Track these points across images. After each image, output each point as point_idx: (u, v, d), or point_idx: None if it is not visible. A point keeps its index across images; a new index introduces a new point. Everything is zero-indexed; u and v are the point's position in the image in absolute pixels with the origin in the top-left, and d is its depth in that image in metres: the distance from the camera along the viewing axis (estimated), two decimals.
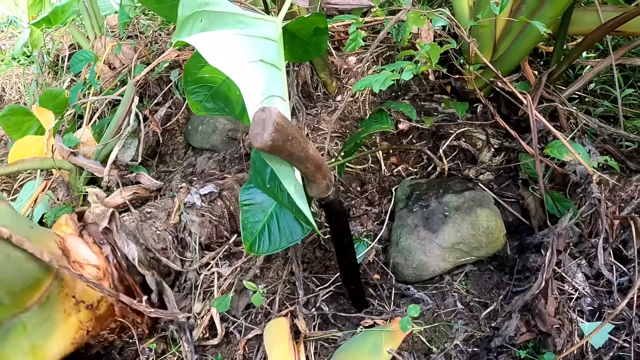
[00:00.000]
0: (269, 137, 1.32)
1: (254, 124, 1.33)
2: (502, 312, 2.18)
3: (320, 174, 1.60)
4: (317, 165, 1.57)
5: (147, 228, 2.38)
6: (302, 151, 1.48)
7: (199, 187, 2.54)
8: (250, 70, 1.48)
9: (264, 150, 1.37)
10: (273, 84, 1.55)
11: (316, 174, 1.58)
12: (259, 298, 2.14)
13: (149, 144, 3.07)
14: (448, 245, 2.25)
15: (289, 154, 1.45)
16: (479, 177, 2.52)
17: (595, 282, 2.17)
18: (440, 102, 2.75)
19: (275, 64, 1.59)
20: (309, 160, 1.53)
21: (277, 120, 1.33)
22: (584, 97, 3.05)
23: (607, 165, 2.40)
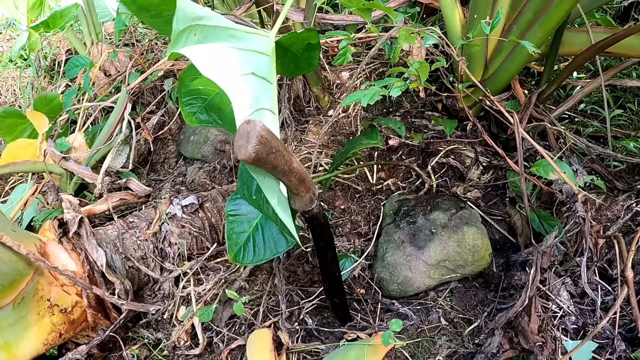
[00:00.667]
0: (253, 150, 1.33)
1: (238, 136, 1.35)
2: (486, 328, 2.19)
3: (304, 187, 1.61)
4: (301, 178, 1.59)
5: (128, 237, 2.39)
6: (286, 164, 1.50)
7: (181, 199, 2.55)
8: (241, 83, 1.50)
9: (247, 162, 1.38)
10: (263, 96, 1.56)
11: (299, 187, 1.60)
12: (240, 307, 2.15)
13: (141, 151, 3.08)
14: (433, 262, 2.27)
15: (272, 167, 1.46)
16: (467, 194, 2.54)
17: (580, 301, 2.18)
18: (430, 119, 2.77)
19: (266, 77, 1.61)
20: (293, 174, 1.54)
21: (261, 133, 1.34)
22: (574, 117, 3.08)
23: (595, 184, 2.42)
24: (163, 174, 3.06)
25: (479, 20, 2.32)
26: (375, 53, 2.92)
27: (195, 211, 2.55)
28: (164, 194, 2.73)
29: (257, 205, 1.84)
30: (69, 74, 3.33)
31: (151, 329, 2.31)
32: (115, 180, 2.82)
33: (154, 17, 1.71)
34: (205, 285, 2.31)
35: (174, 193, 2.66)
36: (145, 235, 2.41)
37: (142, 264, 2.35)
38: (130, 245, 2.38)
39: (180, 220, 2.51)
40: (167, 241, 2.46)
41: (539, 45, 2.48)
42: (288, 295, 2.31)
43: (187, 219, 2.53)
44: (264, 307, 2.26)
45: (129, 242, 2.39)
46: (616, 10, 4.04)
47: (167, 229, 2.46)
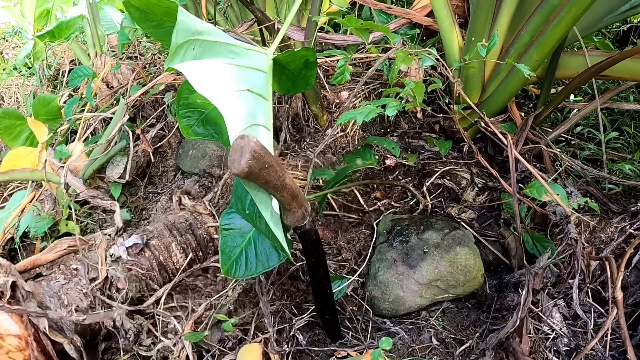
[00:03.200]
0: (246, 164, 1.36)
1: (232, 151, 1.38)
2: (477, 349, 2.20)
3: (296, 202, 1.63)
4: (293, 194, 1.60)
5: (72, 287, 2.29)
6: (279, 180, 1.52)
7: (125, 238, 2.44)
8: (236, 99, 1.52)
9: (240, 177, 1.40)
10: (258, 113, 1.59)
11: (292, 202, 1.62)
12: (229, 325, 2.16)
13: (140, 164, 3.11)
14: (425, 282, 2.27)
15: (265, 182, 1.48)
16: (462, 215, 2.55)
17: (572, 323, 2.18)
18: (427, 140, 2.79)
19: (262, 94, 1.63)
20: (285, 189, 1.56)
21: (254, 149, 1.37)
22: (570, 140, 3.10)
23: (589, 207, 2.43)
24: (161, 186, 3.08)
25: (477, 43, 2.34)
26: (375, 73, 2.96)
27: (140, 251, 2.44)
28: (160, 206, 2.74)
29: (250, 220, 1.85)
30: (72, 83, 3.36)
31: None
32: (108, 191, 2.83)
33: (156, 27, 1.74)
34: (193, 314, 2.28)
35: (112, 234, 2.58)
36: (91, 283, 2.30)
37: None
38: (75, 295, 2.26)
39: (126, 263, 2.40)
40: (115, 287, 2.35)
41: (535, 68, 2.50)
42: (280, 312, 2.32)
43: (133, 260, 2.42)
44: (255, 324, 2.27)
45: (74, 293, 2.27)
46: (615, 34, 4.08)
47: (112, 274, 2.34)
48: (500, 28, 2.58)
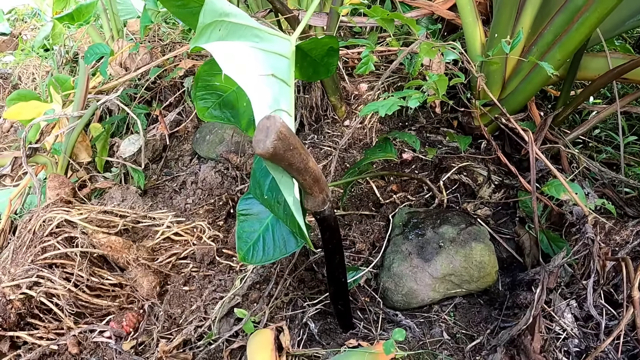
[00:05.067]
0: (271, 145, 1.35)
1: (258, 131, 1.37)
2: (488, 345, 2.19)
3: (318, 187, 1.63)
4: (315, 178, 1.60)
5: None
6: (302, 162, 1.51)
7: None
8: (261, 84, 1.51)
9: (264, 157, 1.40)
10: (281, 98, 1.58)
11: (314, 187, 1.61)
12: (250, 326, 2.15)
13: (156, 147, 3.11)
14: (439, 276, 2.27)
15: (288, 164, 1.48)
16: (477, 211, 2.54)
17: (584, 324, 2.17)
18: (445, 135, 2.78)
19: (285, 79, 1.63)
20: (308, 173, 1.56)
21: (280, 129, 1.37)
22: (588, 142, 3.08)
23: (605, 209, 2.42)
24: (176, 170, 3.08)
25: (500, 40, 2.33)
26: (395, 67, 2.95)
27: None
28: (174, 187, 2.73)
29: (268, 205, 1.85)
30: (87, 60, 3.27)
31: None
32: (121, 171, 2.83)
33: (180, 7, 1.73)
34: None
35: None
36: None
37: None
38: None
39: None
40: None
41: (557, 67, 2.48)
42: (294, 302, 2.32)
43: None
44: (267, 315, 2.27)
45: None
46: (636, 39, 4.05)
47: None
48: (524, 26, 2.57)
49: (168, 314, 2.37)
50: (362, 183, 2.71)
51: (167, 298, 2.41)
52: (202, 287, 2.42)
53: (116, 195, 2.86)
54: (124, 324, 2.39)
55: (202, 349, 2.25)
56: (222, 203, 2.73)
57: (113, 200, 2.85)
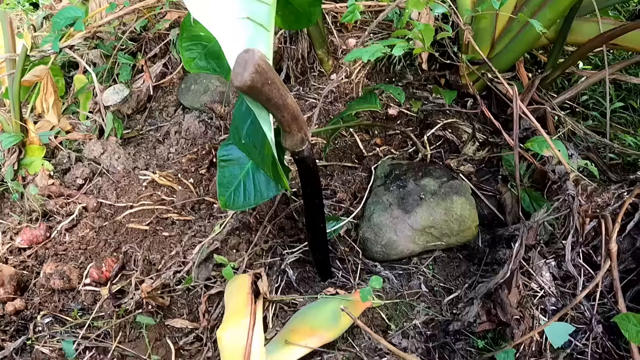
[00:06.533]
0: (249, 77, 1.34)
1: (236, 65, 1.36)
2: (466, 298, 2.20)
3: (296, 125, 1.61)
4: (294, 115, 1.58)
5: None
6: (280, 98, 1.49)
7: None
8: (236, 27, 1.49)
9: (242, 91, 1.39)
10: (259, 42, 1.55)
11: (292, 124, 1.59)
12: (229, 272, 2.14)
13: (140, 98, 3.07)
14: (419, 227, 2.26)
15: (266, 99, 1.46)
16: (460, 167, 2.53)
17: (562, 284, 2.18)
18: (432, 92, 2.76)
19: (264, 24, 1.59)
20: (286, 109, 1.54)
21: (258, 62, 1.35)
22: (575, 108, 3.07)
23: (589, 174, 2.42)
24: (160, 121, 3.05)
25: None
26: (383, 23, 2.92)
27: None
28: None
29: (246, 150, 1.84)
30: (55, 26, 2.97)
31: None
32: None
33: None
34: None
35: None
36: None
37: None
38: None
39: None
40: None
41: (547, 26, 2.46)
42: (273, 249, 2.31)
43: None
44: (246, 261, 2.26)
45: None
46: (630, 13, 4.02)
47: None
48: None
49: (147, 259, 2.36)
50: (345, 136, 2.69)
51: (146, 244, 2.40)
52: (182, 233, 2.41)
53: (96, 147, 2.82)
54: (103, 269, 2.38)
55: (180, 294, 2.25)
56: (205, 152, 2.71)
57: (93, 152, 2.82)
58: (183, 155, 2.76)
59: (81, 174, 2.78)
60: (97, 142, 2.82)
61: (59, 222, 2.62)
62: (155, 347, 2.18)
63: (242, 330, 1.85)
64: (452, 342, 2.10)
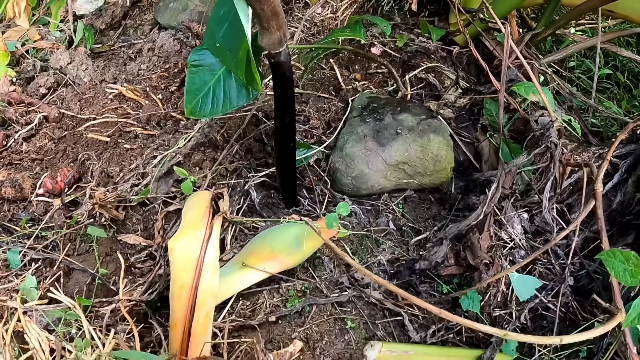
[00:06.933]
0: None
1: None
2: (434, 239, 2.12)
3: (276, 22, 1.52)
4: (274, 10, 1.49)
5: None
6: None
7: None
8: None
9: None
10: None
11: (271, 20, 1.50)
12: (189, 186, 2.04)
13: (116, 14, 2.95)
14: (393, 162, 2.17)
15: None
16: (440, 111, 2.44)
17: (532, 238, 2.12)
18: (418, 35, 2.67)
19: None
20: (266, 2, 1.45)
21: None
22: (562, 73, 3.01)
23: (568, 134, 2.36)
24: (134, 38, 2.92)
25: None
26: None
27: None
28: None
29: (220, 54, 1.75)
30: None
31: None
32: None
33: None
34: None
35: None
36: None
37: None
38: None
39: None
40: None
41: None
42: (239, 171, 2.21)
43: None
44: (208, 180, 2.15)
45: None
46: None
47: None
48: None
49: (105, 171, 2.24)
50: (325, 69, 2.59)
51: (106, 156, 2.28)
52: (144, 147, 2.29)
53: (63, 57, 2.69)
54: (58, 179, 2.26)
55: (136, 209, 2.14)
56: (177, 70, 2.59)
57: (59, 62, 2.68)
58: (154, 72, 2.63)
59: (45, 83, 2.64)
60: (65, 51, 2.69)
61: (17, 131, 2.48)
62: (104, 262, 2.07)
63: (196, 242, 1.75)
64: (416, 283, 2.03)
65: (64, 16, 2.89)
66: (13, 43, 2.79)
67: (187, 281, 1.68)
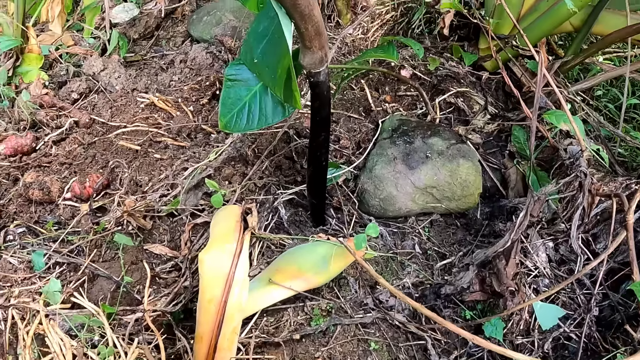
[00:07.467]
0: None
1: None
2: (459, 264, 2.12)
3: (319, 42, 1.53)
4: (318, 30, 1.50)
5: None
6: (308, 7, 1.42)
7: None
8: None
9: None
10: None
11: (314, 39, 1.52)
12: (219, 199, 2.04)
13: (149, 24, 2.98)
14: (421, 186, 2.18)
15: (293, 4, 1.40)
16: (468, 136, 2.45)
17: (557, 267, 2.11)
18: (448, 59, 2.68)
19: None
20: (312, 21, 1.46)
21: None
22: (589, 101, 3.01)
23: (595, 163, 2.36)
24: (167, 49, 2.95)
25: None
26: None
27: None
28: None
29: (258, 70, 1.76)
30: None
31: None
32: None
33: None
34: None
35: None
36: None
37: None
38: None
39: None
40: None
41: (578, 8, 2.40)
42: (267, 187, 2.21)
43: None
44: (238, 194, 2.16)
45: None
46: None
47: None
48: None
49: (134, 180, 2.25)
50: (355, 89, 2.61)
51: (135, 164, 2.30)
52: (174, 157, 2.31)
53: (96, 63, 2.72)
54: (86, 185, 2.28)
55: (164, 219, 2.15)
56: (209, 84, 2.61)
57: (93, 68, 2.71)
58: (185, 84, 2.65)
59: (77, 88, 2.67)
60: (99, 58, 2.72)
61: (47, 134, 2.51)
62: (129, 270, 2.08)
63: (227, 256, 1.75)
64: (440, 307, 2.03)
65: (99, 24, 2.93)
66: (47, 47, 2.81)
67: (216, 295, 1.68)
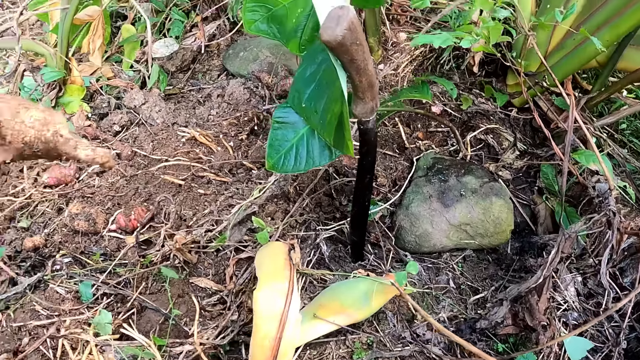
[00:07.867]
0: (341, 33, 1.34)
1: (328, 19, 1.36)
2: (493, 299, 2.19)
3: (371, 93, 1.61)
4: (371, 83, 1.58)
5: None
6: (363, 62, 1.49)
7: None
8: None
9: (330, 46, 1.39)
10: None
11: (367, 91, 1.59)
12: (265, 236, 2.12)
13: (185, 57, 3.06)
14: (456, 223, 2.26)
15: (351, 59, 1.46)
16: (498, 173, 2.53)
17: (585, 301, 2.18)
18: (477, 95, 2.76)
19: None
20: (366, 74, 1.54)
21: (352, 19, 1.35)
22: (614, 135, 3.08)
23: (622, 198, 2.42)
24: (203, 83, 3.03)
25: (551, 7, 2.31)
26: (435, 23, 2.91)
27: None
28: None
29: (305, 114, 1.82)
30: None
31: None
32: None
33: None
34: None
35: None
36: None
37: None
38: None
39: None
40: None
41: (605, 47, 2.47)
42: (308, 223, 2.29)
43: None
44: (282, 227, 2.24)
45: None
46: None
47: None
48: (579, 1, 2.55)
49: (179, 214, 2.33)
50: (388, 126, 2.69)
51: (179, 199, 2.38)
52: (217, 193, 2.39)
53: (137, 96, 2.80)
54: (132, 217, 2.36)
55: (209, 254, 2.22)
56: (247, 119, 2.69)
57: (134, 101, 2.80)
58: (224, 119, 2.73)
59: (119, 121, 2.75)
60: (140, 92, 2.80)
61: (90, 165, 2.58)
62: (176, 303, 2.15)
63: (279, 294, 1.83)
64: (475, 340, 2.10)
65: (139, 57, 3.02)
66: (88, 78, 2.90)
67: (270, 331, 1.75)
